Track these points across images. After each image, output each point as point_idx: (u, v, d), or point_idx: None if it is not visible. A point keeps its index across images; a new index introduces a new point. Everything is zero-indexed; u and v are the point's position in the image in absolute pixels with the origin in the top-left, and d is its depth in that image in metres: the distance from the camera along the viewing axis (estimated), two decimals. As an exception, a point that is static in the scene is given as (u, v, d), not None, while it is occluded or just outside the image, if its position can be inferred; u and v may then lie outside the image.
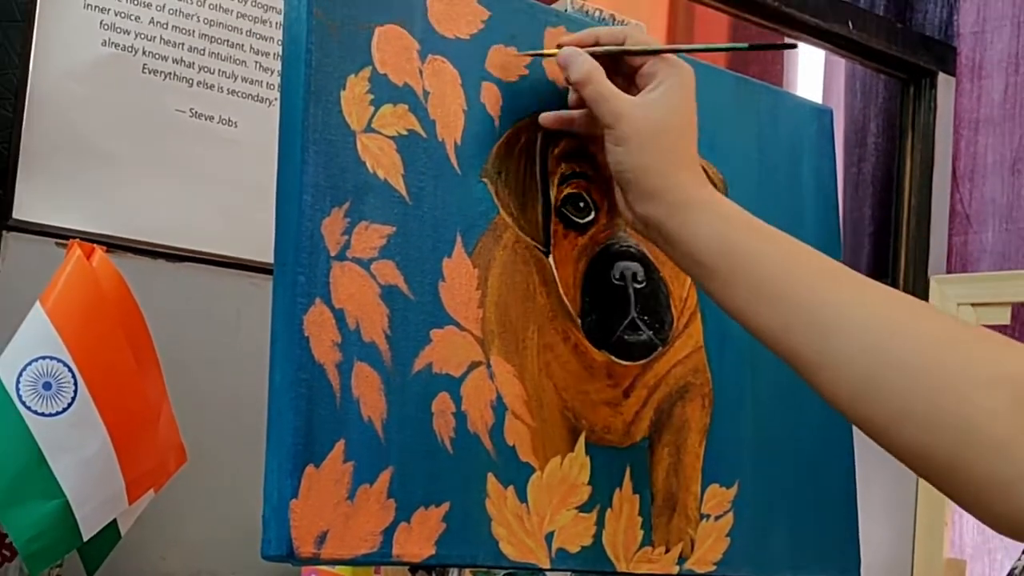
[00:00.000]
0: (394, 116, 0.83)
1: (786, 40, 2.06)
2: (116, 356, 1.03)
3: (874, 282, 0.76)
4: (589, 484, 0.88)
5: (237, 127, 1.27)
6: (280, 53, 0.84)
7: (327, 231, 0.78)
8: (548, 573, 0.90)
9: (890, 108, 2.20)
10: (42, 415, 0.99)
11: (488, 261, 0.86)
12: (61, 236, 1.14)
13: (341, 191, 0.79)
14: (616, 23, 1.02)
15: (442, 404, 0.81)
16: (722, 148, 1.00)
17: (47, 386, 1.00)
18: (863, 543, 1.07)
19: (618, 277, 0.91)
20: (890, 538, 1.84)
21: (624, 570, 0.89)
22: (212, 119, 1.26)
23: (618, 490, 0.89)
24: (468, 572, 1.05)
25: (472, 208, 0.85)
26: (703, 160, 0.99)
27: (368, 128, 0.81)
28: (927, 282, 1.96)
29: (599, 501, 0.88)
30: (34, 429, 0.99)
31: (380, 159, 0.82)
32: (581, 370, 0.89)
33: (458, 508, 0.81)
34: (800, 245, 0.77)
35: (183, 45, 1.24)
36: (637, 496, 0.90)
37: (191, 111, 1.25)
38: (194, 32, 1.25)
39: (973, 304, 1.88)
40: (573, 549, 0.86)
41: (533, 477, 0.85)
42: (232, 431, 1.17)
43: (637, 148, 0.79)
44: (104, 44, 1.21)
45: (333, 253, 0.78)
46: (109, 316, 1.03)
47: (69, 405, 1.00)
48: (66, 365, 1.00)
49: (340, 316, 0.78)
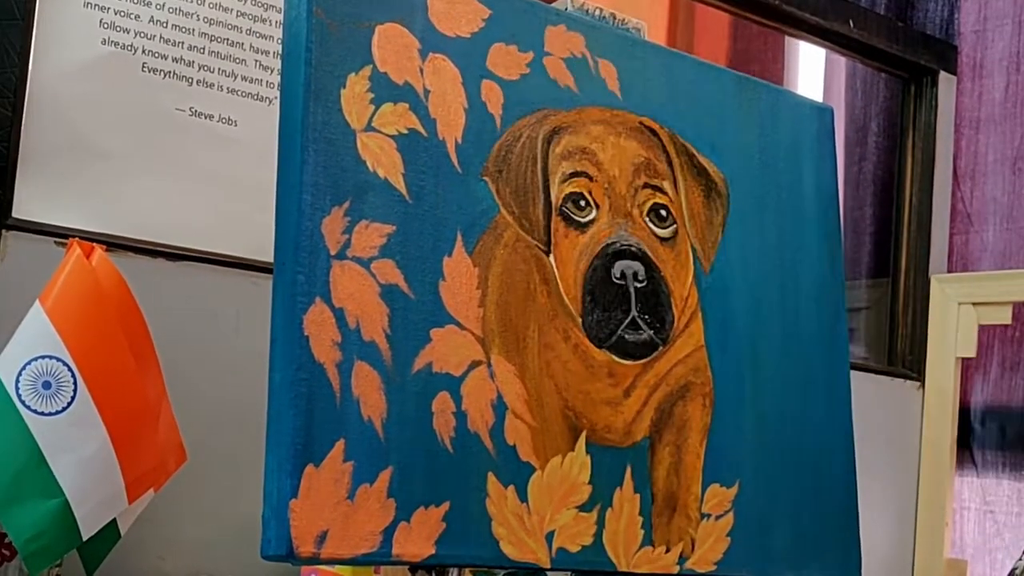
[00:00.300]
0: (394, 115, 0.83)
1: (784, 34, 2.06)
2: (116, 355, 1.03)
3: None
4: (590, 484, 0.87)
5: (237, 126, 1.27)
6: (280, 52, 0.83)
7: (327, 230, 0.78)
8: (548, 573, 0.90)
9: (891, 107, 2.19)
10: (41, 414, 0.99)
11: (489, 260, 0.85)
12: (60, 235, 1.14)
13: (341, 190, 0.79)
14: (617, 23, 1.02)
15: (442, 403, 0.81)
16: (723, 147, 1.00)
17: (46, 385, 0.99)
18: (864, 543, 1.07)
19: (619, 276, 0.91)
20: (891, 538, 1.83)
21: (624, 569, 0.89)
22: (212, 118, 1.26)
23: (619, 490, 0.89)
24: (468, 572, 1.05)
25: (473, 207, 0.85)
26: (704, 158, 0.99)
27: (368, 127, 0.81)
28: (928, 281, 1.95)
29: (600, 501, 0.88)
30: (33, 428, 0.99)
31: (380, 158, 0.81)
32: (582, 369, 0.89)
33: (458, 508, 0.81)
34: None
35: (183, 44, 1.24)
36: (638, 496, 0.90)
37: (191, 110, 1.24)
38: (194, 31, 1.24)
39: (974, 303, 1.87)
40: (573, 549, 0.86)
41: (534, 477, 0.85)
42: (232, 431, 1.17)
43: None
44: (104, 43, 1.20)
45: (333, 252, 0.78)
46: (109, 315, 1.03)
47: (69, 404, 1.00)
48: (65, 364, 1.00)
49: (340, 315, 0.78)
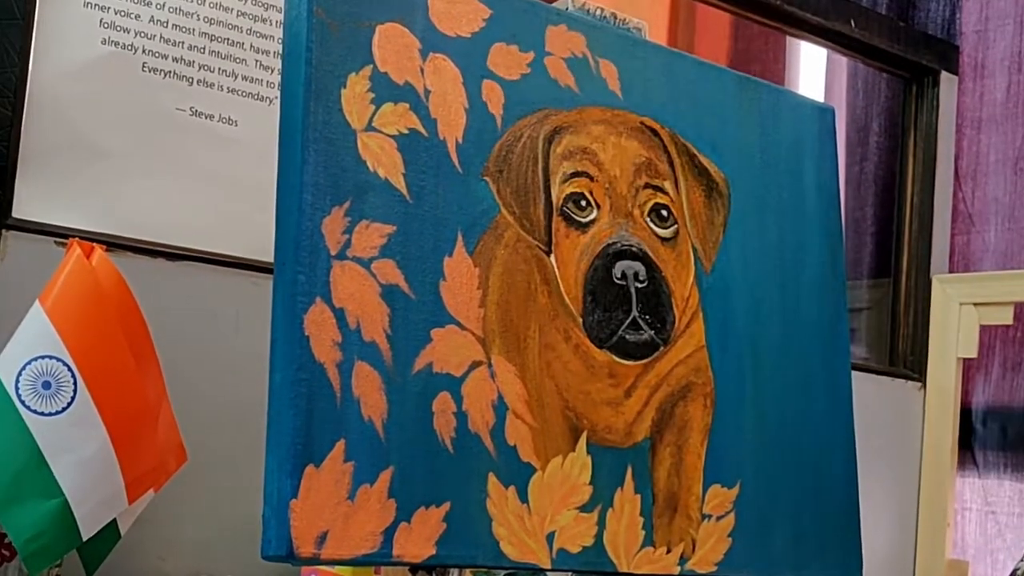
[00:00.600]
0: (395, 115, 0.82)
1: (785, 34, 2.06)
2: (116, 355, 1.02)
3: None
4: (590, 484, 0.87)
5: (237, 126, 1.26)
6: (281, 51, 0.83)
7: (327, 230, 0.78)
8: (549, 573, 0.90)
9: (892, 107, 2.19)
10: (41, 414, 0.99)
11: (489, 260, 0.85)
12: (60, 235, 1.14)
13: (341, 190, 0.79)
14: (617, 22, 1.02)
15: (443, 404, 0.81)
16: (724, 147, 1.00)
17: (46, 385, 0.99)
18: (865, 544, 1.07)
19: (620, 276, 0.91)
20: (892, 539, 1.83)
21: (625, 570, 0.89)
22: (212, 118, 1.25)
23: (619, 490, 0.89)
24: (469, 572, 1.05)
25: (473, 207, 0.85)
26: (705, 158, 0.99)
27: (369, 127, 0.81)
28: (929, 282, 1.95)
29: (600, 501, 0.88)
30: (33, 428, 0.99)
31: (381, 158, 0.81)
32: (583, 370, 0.88)
33: (459, 508, 0.80)
34: None
35: (183, 43, 1.24)
36: (638, 496, 0.90)
37: (191, 110, 1.24)
38: (194, 30, 1.24)
39: (976, 304, 1.87)
40: (574, 549, 0.86)
41: (534, 477, 0.84)
42: (232, 431, 1.17)
43: None
44: (104, 42, 1.20)
45: (333, 252, 0.78)
46: (109, 315, 1.03)
47: (68, 404, 1.00)
48: (65, 364, 1.00)
49: (340, 315, 0.78)
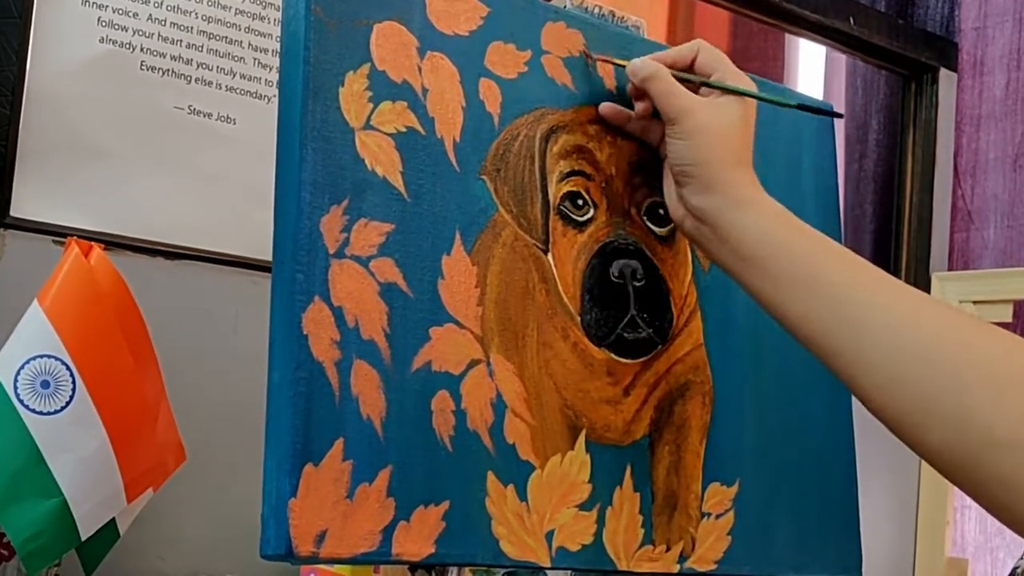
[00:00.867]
0: (393, 113, 0.82)
1: (784, 32, 2.05)
2: (114, 354, 1.03)
3: (910, 288, 0.78)
4: (589, 482, 0.87)
5: (235, 124, 1.27)
6: (278, 50, 0.83)
7: (326, 229, 0.78)
8: (548, 572, 0.90)
9: (891, 104, 2.19)
10: (40, 414, 0.99)
11: (487, 259, 0.85)
12: (59, 234, 1.14)
13: (340, 188, 0.79)
14: (616, 20, 1.02)
15: (441, 402, 0.81)
16: (723, 145, 1.00)
17: (45, 384, 0.99)
18: (865, 542, 1.07)
19: (617, 275, 0.90)
20: (892, 537, 1.83)
21: (625, 568, 0.89)
22: (210, 116, 1.26)
23: (618, 488, 0.89)
24: (468, 571, 1.05)
25: (471, 205, 0.85)
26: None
27: (367, 125, 0.81)
28: (929, 279, 1.95)
29: (599, 499, 0.88)
30: (32, 428, 0.99)
31: (379, 156, 0.81)
32: (581, 368, 0.88)
33: (458, 507, 0.80)
34: (844, 250, 0.80)
35: (181, 42, 1.24)
36: (638, 494, 0.90)
37: (189, 108, 1.24)
38: (192, 29, 1.24)
39: (975, 301, 1.87)
40: (573, 548, 0.86)
41: (533, 475, 0.84)
42: (231, 430, 1.17)
43: (702, 143, 0.83)
44: (102, 41, 1.20)
45: (332, 251, 0.78)
46: (107, 314, 1.03)
47: (67, 404, 1.00)
48: (64, 364, 1.00)
49: (339, 314, 0.78)
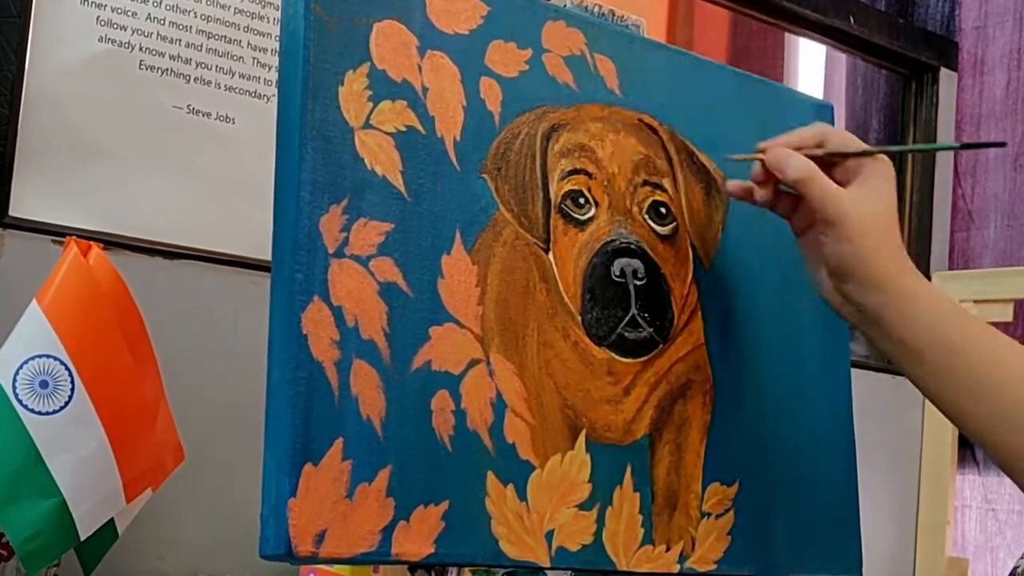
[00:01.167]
0: (393, 112, 0.82)
1: (784, 31, 2.05)
2: (113, 354, 1.02)
3: None
4: (589, 482, 0.87)
5: (235, 124, 1.26)
6: (278, 49, 0.83)
7: (325, 228, 0.78)
8: (548, 572, 0.89)
9: (892, 103, 2.19)
10: (39, 413, 0.99)
11: (488, 258, 0.85)
12: (57, 233, 1.14)
13: (339, 188, 0.79)
14: (616, 19, 1.02)
15: (441, 402, 0.81)
16: (722, 144, 1.00)
17: (44, 384, 0.99)
18: (865, 541, 1.06)
19: (618, 273, 0.90)
20: (892, 536, 1.83)
21: (625, 568, 0.88)
22: (209, 116, 1.25)
23: (618, 488, 0.89)
24: (468, 571, 1.05)
25: (471, 204, 0.85)
26: (704, 155, 0.99)
27: (366, 124, 0.81)
28: (929, 278, 1.95)
29: (599, 499, 0.87)
30: (31, 428, 0.98)
31: (378, 155, 0.81)
32: (581, 367, 0.88)
33: (457, 506, 0.80)
34: (1006, 344, 0.83)
35: (180, 41, 1.24)
36: (638, 494, 0.90)
37: (188, 107, 1.24)
38: (191, 28, 1.24)
39: (975, 301, 1.87)
40: (573, 548, 0.86)
41: (533, 475, 0.84)
42: (230, 430, 1.16)
43: (861, 243, 0.84)
44: (100, 40, 1.20)
45: (331, 250, 0.78)
46: (106, 314, 1.03)
47: (66, 403, 0.99)
48: (63, 363, 1.00)
49: (338, 313, 0.77)
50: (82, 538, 1.01)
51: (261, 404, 0.80)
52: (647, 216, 0.93)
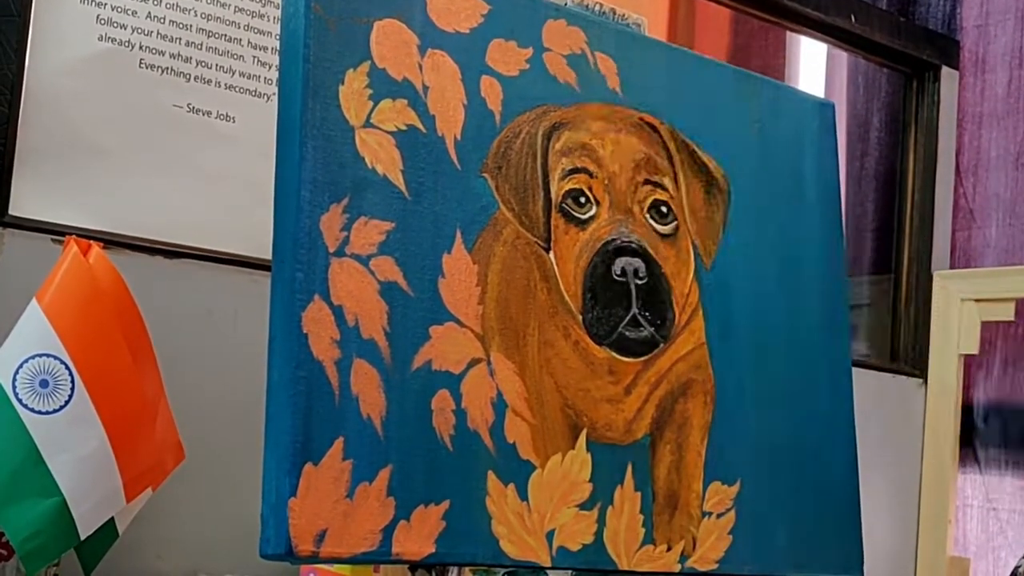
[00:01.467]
0: (393, 111, 0.82)
1: (785, 30, 2.05)
2: (113, 353, 1.02)
3: None
4: (590, 482, 0.87)
5: (235, 122, 1.26)
6: (278, 48, 0.83)
7: (326, 227, 0.78)
8: (549, 571, 0.89)
9: (893, 102, 2.18)
10: (39, 413, 0.99)
11: (488, 257, 0.85)
12: (57, 232, 1.13)
13: (340, 187, 0.78)
14: (616, 18, 1.01)
15: (442, 401, 0.81)
16: (724, 143, 1.00)
17: (44, 384, 0.99)
18: (866, 540, 1.06)
19: (619, 273, 0.90)
20: (893, 535, 1.83)
21: (626, 568, 0.88)
22: (210, 114, 1.25)
23: (619, 488, 0.89)
24: (468, 571, 1.05)
25: (472, 203, 0.85)
26: (705, 154, 0.99)
27: (367, 123, 0.81)
28: (930, 278, 1.95)
29: (600, 499, 0.87)
30: (31, 427, 0.98)
31: (379, 154, 0.81)
32: (582, 367, 0.88)
33: (458, 506, 0.80)
34: None
35: (180, 40, 1.23)
36: (639, 494, 0.90)
37: (188, 106, 1.24)
38: (191, 26, 1.24)
39: (977, 300, 1.87)
40: (574, 547, 0.85)
41: (534, 475, 0.84)
42: (230, 429, 1.16)
43: None
44: (101, 39, 1.19)
45: (332, 249, 0.78)
46: (106, 313, 1.02)
47: (66, 403, 0.99)
48: (63, 362, 0.99)
49: (339, 313, 0.77)
50: (82, 537, 1.01)
51: (261, 403, 0.79)
52: (648, 215, 0.93)
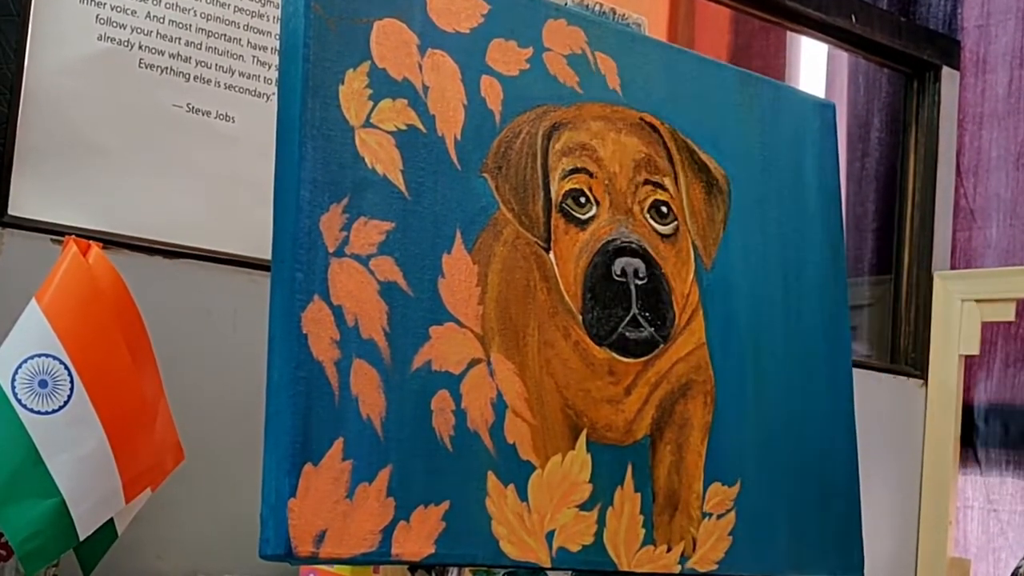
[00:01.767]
0: (393, 111, 0.82)
1: (786, 30, 2.05)
2: (112, 353, 1.02)
3: None
4: (590, 482, 0.87)
5: (235, 122, 1.26)
6: (278, 48, 0.83)
7: (325, 227, 0.78)
8: (549, 572, 0.89)
9: (893, 102, 2.18)
10: (38, 413, 0.98)
11: (488, 257, 0.85)
12: (57, 232, 1.13)
13: (339, 187, 0.78)
14: (617, 18, 1.01)
15: (442, 402, 0.81)
16: (724, 143, 0.99)
17: (43, 384, 0.99)
18: (866, 541, 1.06)
19: (619, 273, 0.90)
20: (893, 537, 1.82)
21: (626, 569, 0.88)
22: (209, 114, 1.25)
23: (619, 488, 0.88)
24: (468, 571, 1.04)
25: (472, 203, 0.85)
26: (705, 154, 0.99)
27: (367, 123, 0.81)
28: (931, 278, 1.94)
29: (600, 499, 0.87)
30: (30, 427, 0.98)
31: (379, 154, 0.81)
32: (582, 367, 0.88)
33: (458, 507, 0.80)
34: None
35: (180, 39, 1.23)
36: (639, 494, 0.89)
37: (188, 106, 1.24)
38: (191, 26, 1.23)
39: (977, 300, 1.86)
40: (574, 548, 0.85)
41: (534, 475, 0.84)
42: (230, 429, 1.16)
43: None
44: (100, 38, 1.19)
45: (331, 249, 0.78)
46: (105, 313, 1.02)
47: (65, 403, 0.99)
48: (62, 363, 0.99)
49: (339, 313, 0.77)
50: (81, 538, 1.00)
51: (261, 404, 0.79)
52: (648, 215, 0.93)
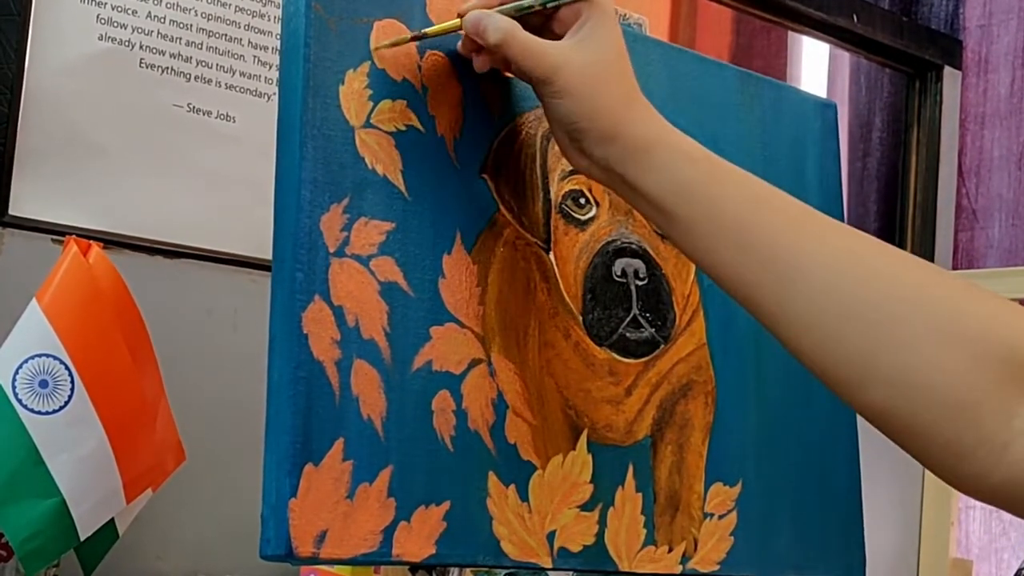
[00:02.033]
0: (393, 111, 0.82)
1: (787, 30, 2.05)
2: (113, 354, 1.02)
3: (847, 228, 0.72)
4: (591, 483, 0.87)
5: (235, 122, 1.26)
6: (278, 47, 0.83)
7: (326, 227, 0.77)
8: (550, 573, 0.89)
9: (895, 102, 2.19)
10: (39, 413, 0.99)
11: (488, 258, 0.85)
12: (57, 232, 1.13)
13: (340, 187, 0.78)
14: (618, 17, 1.01)
15: (442, 402, 0.81)
16: (725, 143, 0.99)
17: (43, 384, 0.99)
18: (868, 542, 1.06)
19: (620, 274, 0.90)
20: (895, 537, 1.82)
21: (627, 569, 0.88)
22: (210, 114, 1.25)
23: (620, 489, 0.88)
24: (469, 572, 1.04)
25: (472, 204, 0.84)
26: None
27: (367, 123, 0.80)
28: (932, 278, 1.94)
29: (601, 500, 0.87)
30: (30, 427, 0.98)
31: (379, 155, 0.81)
32: (583, 367, 0.88)
33: (459, 507, 0.80)
34: (768, 188, 0.74)
35: (180, 39, 1.23)
36: (640, 495, 0.89)
37: (189, 106, 1.24)
38: (191, 26, 1.24)
39: (978, 300, 1.86)
40: (575, 548, 0.85)
41: (534, 476, 0.84)
42: (230, 429, 1.16)
43: (584, 94, 0.75)
44: (101, 38, 1.20)
45: (332, 249, 0.77)
46: (106, 313, 1.03)
47: (66, 403, 0.99)
48: (63, 363, 0.99)
49: (339, 313, 0.77)
50: (82, 538, 1.01)
51: (261, 404, 0.79)
52: (649, 215, 0.93)
